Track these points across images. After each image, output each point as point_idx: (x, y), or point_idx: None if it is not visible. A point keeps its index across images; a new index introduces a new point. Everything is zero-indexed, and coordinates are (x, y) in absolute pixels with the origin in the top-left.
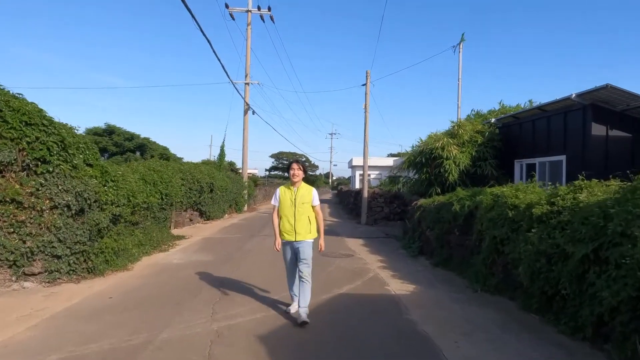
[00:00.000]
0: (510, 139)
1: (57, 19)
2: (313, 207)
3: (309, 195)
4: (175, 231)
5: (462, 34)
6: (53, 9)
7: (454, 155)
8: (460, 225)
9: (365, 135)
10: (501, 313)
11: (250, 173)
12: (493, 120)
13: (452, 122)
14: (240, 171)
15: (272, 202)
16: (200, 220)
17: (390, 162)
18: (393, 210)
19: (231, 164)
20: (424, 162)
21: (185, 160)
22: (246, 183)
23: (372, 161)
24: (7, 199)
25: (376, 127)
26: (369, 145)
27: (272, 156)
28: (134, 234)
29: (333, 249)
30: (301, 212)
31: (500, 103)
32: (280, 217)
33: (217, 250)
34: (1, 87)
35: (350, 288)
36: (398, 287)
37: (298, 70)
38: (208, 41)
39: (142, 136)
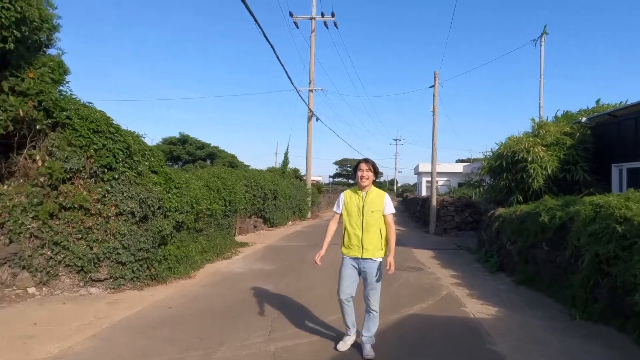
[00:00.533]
0: (606, 141)
1: (137, 44)
2: (384, 216)
3: (380, 201)
4: (239, 238)
5: (545, 26)
6: (135, 35)
7: (540, 158)
8: (550, 238)
9: (433, 139)
10: (611, 348)
11: (313, 180)
12: (583, 119)
13: (533, 120)
14: (304, 178)
15: (335, 208)
16: (264, 227)
17: (459, 168)
18: (464, 220)
19: (295, 170)
20: (504, 166)
21: (251, 167)
22: (310, 190)
23: (440, 167)
24: (76, 206)
25: (443, 131)
26: (437, 151)
27: (335, 163)
28: (198, 241)
29: (400, 261)
30: (370, 222)
31: (597, 102)
32: (344, 228)
33: (279, 259)
34: (73, 96)
35: (421, 308)
36: (477, 308)
37: (362, 75)
38: (271, 47)
39: (212, 145)
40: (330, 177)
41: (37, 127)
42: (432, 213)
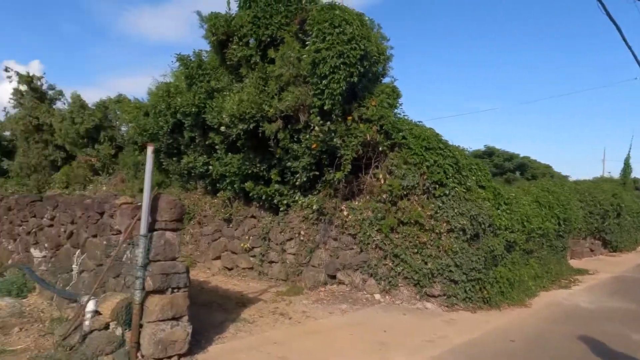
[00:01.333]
0: None
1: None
2: None
3: None
4: (572, 263)
5: None
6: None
7: None
8: None
9: None
10: None
11: None
12: None
13: None
14: None
15: None
16: (604, 251)
17: None
18: None
19: (635, 180)
20: None
21: (571, 178)
22: None
23: None
24: (412, 221)
25: None
26: None
27: None
28: (529, 264)
29: None
30: None
31: None
32: None
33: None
34: (406, 118)
35: None
36: None
37: None
38: (617, 26)
39: (521, 155)
40: None
41: (379, 148)
42: None
